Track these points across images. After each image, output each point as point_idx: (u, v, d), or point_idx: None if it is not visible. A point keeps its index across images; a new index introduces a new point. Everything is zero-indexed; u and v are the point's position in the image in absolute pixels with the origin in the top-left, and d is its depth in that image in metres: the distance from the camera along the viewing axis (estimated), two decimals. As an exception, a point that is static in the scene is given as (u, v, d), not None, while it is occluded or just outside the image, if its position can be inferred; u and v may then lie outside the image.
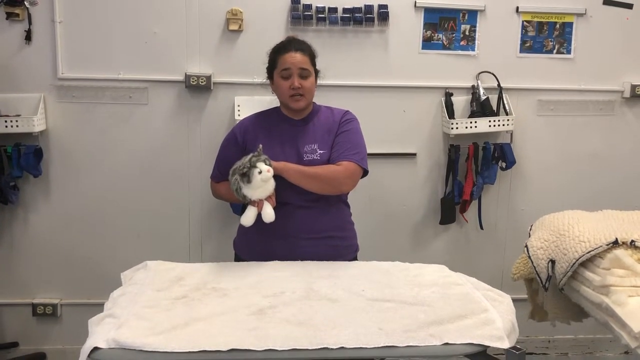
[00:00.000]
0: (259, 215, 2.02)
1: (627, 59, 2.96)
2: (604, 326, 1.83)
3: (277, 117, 2.21)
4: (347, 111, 2.23)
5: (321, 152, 2.12)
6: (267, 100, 2.64)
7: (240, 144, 2.17)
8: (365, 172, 2.16)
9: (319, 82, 2.21)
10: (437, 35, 2.86)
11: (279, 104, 2.25)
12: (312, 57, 2.15)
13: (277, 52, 2.13)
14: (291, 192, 2.08)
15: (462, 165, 2.94)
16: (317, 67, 2.19)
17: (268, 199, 2.01)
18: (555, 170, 3.03)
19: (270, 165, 1.96)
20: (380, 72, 2.86)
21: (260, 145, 1.99)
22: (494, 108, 2.87)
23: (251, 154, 1.96)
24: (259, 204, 2.00)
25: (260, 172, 1.93)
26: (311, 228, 2.12)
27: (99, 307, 1.68)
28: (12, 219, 2.85)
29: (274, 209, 2.03)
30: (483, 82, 2.88)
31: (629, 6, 2.91)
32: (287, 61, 2.09)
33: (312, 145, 2.13)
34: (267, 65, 2.18)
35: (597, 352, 3.22)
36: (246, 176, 1.93)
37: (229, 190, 2.08)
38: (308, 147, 2.12)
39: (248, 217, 2.02)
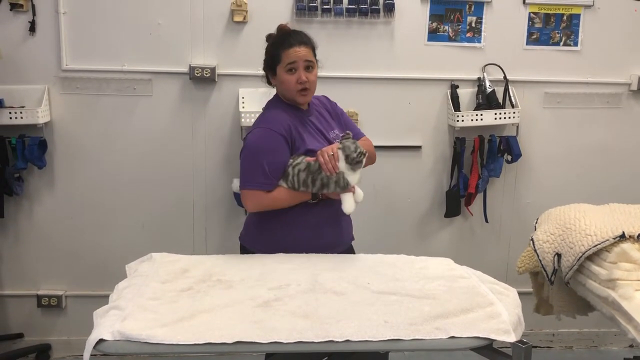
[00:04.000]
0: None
1: (634, 52, 2.94)
2: (610, 320, 1.83)
3: (295, 110, 2.13)
4: (326, 95, 2.28)
5: (341, 135, 2.14)
6: (272, 93, 2.62)
7: (289, 143, 2.06)
8: None
9: (322, 73, 2.19)
10: (443, 27, 2.84)
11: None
12: (313, 48, 2.12)
13: (280, 47, 2.06)
14: None
15: (467, 158, 2.93)
16: (317, 58, 2.17)
17: None
18: (562, 164, 3.02)
19: None
20: (385, 63, 2.85)
21: (349, 132, 2.05)
22: (500, 100, 2.86)
23: (350, 141, 1.96)
24: (352, 189, 2.01)
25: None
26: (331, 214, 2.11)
27: (103, 299, 1.68)
28: (17, 210, 2.85)
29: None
30: (489, 75, 2.86)
31: (638, -2, 2.89)
32: (292, 55, 2.04)
33: (334, 131, 2.16)
34: (266, 58, 2.12)
35: (601, 345, 3.22)
36: (359, 163, 1.94)
37: (290, 194, 2.03)
38: (332, 134, 2.15)
39: (351, 204, 2.01)
